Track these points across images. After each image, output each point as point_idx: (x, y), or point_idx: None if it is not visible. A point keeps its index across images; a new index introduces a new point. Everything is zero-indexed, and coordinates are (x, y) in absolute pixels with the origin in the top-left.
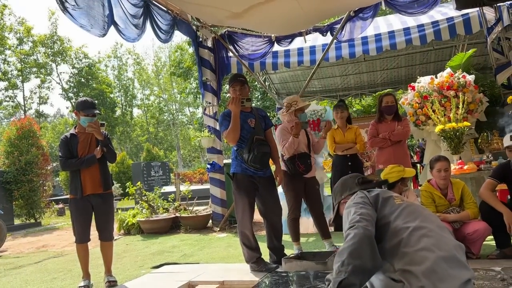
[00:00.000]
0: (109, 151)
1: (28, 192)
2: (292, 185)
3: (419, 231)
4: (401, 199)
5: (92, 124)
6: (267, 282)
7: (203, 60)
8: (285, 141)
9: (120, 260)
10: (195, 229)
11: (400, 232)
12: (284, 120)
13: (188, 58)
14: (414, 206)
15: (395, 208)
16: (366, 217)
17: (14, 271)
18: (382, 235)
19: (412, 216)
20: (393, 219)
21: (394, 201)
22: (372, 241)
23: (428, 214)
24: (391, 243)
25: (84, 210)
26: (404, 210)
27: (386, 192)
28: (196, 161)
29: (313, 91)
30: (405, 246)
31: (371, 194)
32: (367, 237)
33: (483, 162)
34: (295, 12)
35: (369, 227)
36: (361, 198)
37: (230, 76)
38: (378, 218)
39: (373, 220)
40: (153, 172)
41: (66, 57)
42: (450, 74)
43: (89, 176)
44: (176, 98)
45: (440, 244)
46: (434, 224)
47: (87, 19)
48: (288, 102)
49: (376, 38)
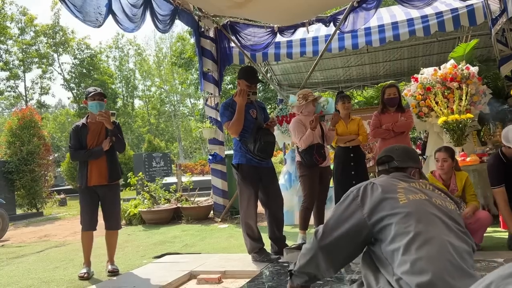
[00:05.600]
0: (118, 140)
1: (30, 182)
2: (307, 175)
3: (421, 237)
4: (406, 196)
5: (102, 113)
6: (268, 272)
7: (204, 50)
8: (301, 134)
9: (122, 250)
10: (197, 219)
11: (401, 237)
12: (298, 112)
13: (189, 49)
14: (420, 205)
15: (397, 209)
16: (332, 233)
17: (17, 260)
18: (382, 238)
19: (415, 218)
20: (394, 222)
21: (397, 200)
22: (320, 259)
23: (436, 213)
24: (391, 247)
25: (90, 199)
26: (407, 211)
27: (390, 188)
28: (197, 153)
29: (315, 83)
30: (405, 253)
31: (372, 191)
32: (317, 254)
33: (486, 154)
34: (298, 2)
35: (324, 249)
36: (353, 199)
37: (243, 69)
38: (376, 219)
39: (342, 236)
40: (155, 163)
41: (68, 48)
42: (453, 65)
43: (95, 167)
44: (177, 89)
45: (444, 252)
46: (439, 227)
47: (80, 10)
48: (303, 94)
49: (380, 29)
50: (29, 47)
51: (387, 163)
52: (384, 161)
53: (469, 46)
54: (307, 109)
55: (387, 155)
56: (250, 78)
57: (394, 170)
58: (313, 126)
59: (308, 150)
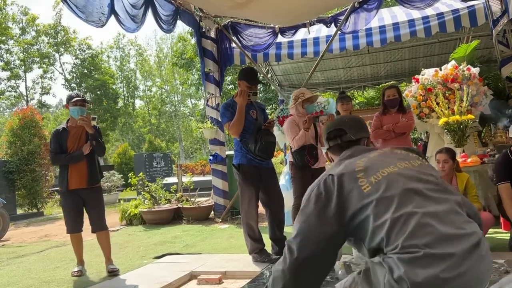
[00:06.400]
0: (98, 144)
1: (30, 182)
2: (298, 175)
3: (399, 220)
4: (367, 179)
5: (83, 118)
6: (269, 273)
7: (205, 50)
8: (294, 134)
9: (122, 250)
10: (197, 220)
11: (379, 230)
12: (293, 113)
13: (190, 49)
14: (387, 184)
15: (363, 200)
16: (308, 243)
17: (17, 260)
18: (361, 236)
19: (386, 203)
20: (366, 216)
21: (361, 189)
22: (297, 280)
23: (406, 185)
24: (374, 243)
25: (72, 202)
26: (375, 199)
27: (351, 176)
28: (198, 153)
29: (316, 83)
30: (388, 244)
31: (334, 185)
32: (296, 275)
33: (487, 155)
34: (299, 3)
35: (305, 264)
36: (317, 198)
37: (244, 70)
38: (348, 218)
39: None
40: (155, 163)
41: (70, 48)
42: (454, 66)
43: (76, 171)
44: (178, 90)
45: (425, 226)
46: (413, 201)
47: (82, 10)
48: (295, 95)
49: (381, 30)
50: (30, 47)
51: (339, 137)
52: (335, 135)
53: (470, 47)
54: (297, 110)
55: (338, 128)
56: (251, 79)
57: (347, 143)
58: (306, 126)
59: (300, 151)
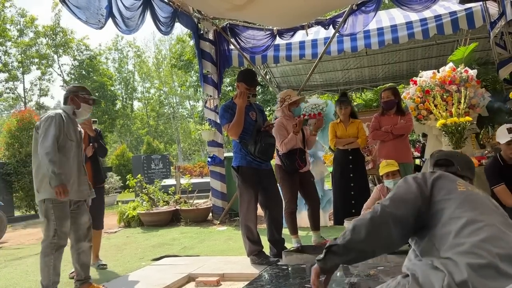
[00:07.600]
0: (99, 146)
1: (28, 184)
2: (287, 179)
3: (475, 223)
4: (466, 187)
5: (85, 122)
6: (267, 275)
7: (204, 52)
8: (283, 137)
9: (120, 252)
10: (195, 222)
11: (454, 221)
12: (279, 115)
13: (189, 51)
14: (477, 196)
15: (453, 193)
16: (395, 205)
17: (15, 262)
18: (434, 223)
19: (471, 205)
20: (448, 207)
21: (456, 186)
22: (378, 227)
23: (491, 206)
24: (442, 231)
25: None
26: (464, 198)
27: (451, 177)
28: (196, 155)
29: (314, 85)
30: (456, 237)
31: (433, 175)
32: (376, 221)
33: (485, 157)
34: (297, 5)
35: (387, 215)
36: (414, 177)
37: (243, 71)
38: (432, 201)
39: (404, 210)
40: (153, 165)
41: (68, 49)
42: (452, 68)
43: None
44: (176, 91)
45: (498, 240)
46: (494, 217)
47: (82, 11)
48: (282, 97)
49: (379, 32)
50: (28, 48)
51: (445, 166)
52: (442, 164)
53: (468, 49)
54: (283, 112)
55: (448, 159)
56: (250, 80)
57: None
58: (296, 130)
59: (290, 155)
